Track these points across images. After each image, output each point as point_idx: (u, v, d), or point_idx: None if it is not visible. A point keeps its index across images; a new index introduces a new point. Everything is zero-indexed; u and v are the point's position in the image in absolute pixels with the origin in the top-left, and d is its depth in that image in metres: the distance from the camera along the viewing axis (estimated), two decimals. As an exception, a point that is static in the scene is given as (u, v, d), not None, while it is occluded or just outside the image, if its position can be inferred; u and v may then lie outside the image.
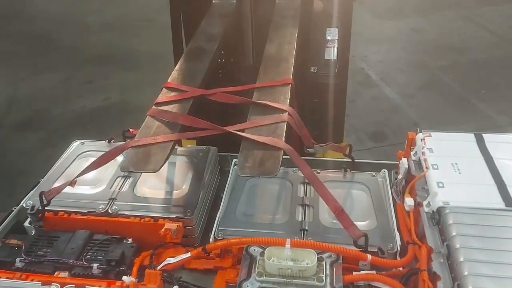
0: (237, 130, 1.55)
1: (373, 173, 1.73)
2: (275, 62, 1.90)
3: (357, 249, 1.36)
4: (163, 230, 1.43)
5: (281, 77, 1.80)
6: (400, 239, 1.43)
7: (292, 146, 1.48)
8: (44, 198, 1.50)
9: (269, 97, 1.70)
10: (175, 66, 1.93)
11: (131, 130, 1.75)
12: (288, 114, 1.62)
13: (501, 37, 6.06)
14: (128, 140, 1.61)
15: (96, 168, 1.53)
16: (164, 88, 1.76)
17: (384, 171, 1.72)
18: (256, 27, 2.37)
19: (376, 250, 1.38)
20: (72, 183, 1.54)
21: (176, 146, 1.88)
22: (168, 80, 1.80)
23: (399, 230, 1.45)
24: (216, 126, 1.59)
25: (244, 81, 2.19)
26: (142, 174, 1.70)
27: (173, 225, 1.44)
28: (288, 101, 1.68)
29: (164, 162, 1.44)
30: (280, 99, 1.68)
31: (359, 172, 1.75)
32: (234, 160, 1.80)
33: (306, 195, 1.64)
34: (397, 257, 1.40)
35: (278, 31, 2.14)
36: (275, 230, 1.49)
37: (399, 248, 1.41)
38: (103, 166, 1.71)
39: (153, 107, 1.67)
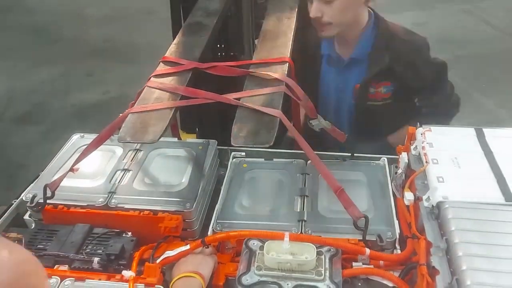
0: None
1: (373, 161, 1.72)
2: (273, 36, 1.88)
3: (357, 230, 1.36)
4: (163, 226, 1.43)
5: (278, 50, 1.78)
6: (400, 230, 1.43)
7: (293, 124, 1.47)
8: (48, 190, 1.49)
9: (266, 69, 1.68)
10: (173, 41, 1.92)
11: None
12: (287, 85, 1.60)
13: (502, 31, 6.03)
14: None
15: (99, 146, 1.54)
16: (161, 62, 1.76)
17: (384, 159, 1.72)
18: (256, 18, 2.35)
19: (375, 238, 1.38)
20: (73, 169, 1.54)
21: (176, 139, 1.88)
22: (166, 54, 1.79)
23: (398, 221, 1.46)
24: (213, 94, 1.58)
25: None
26: (141, 168, 1.70)
27: (172, 223, 1.44)
28: (286, 72, 1.66)
29: (163, 133, 1.43)
30: (278, 71, 1.66)
31: (358, 160, 1.75)
32: (232, 153, 1.80)
33: (304, 185, 1.64)
34: (396, 245, 1.40)
35: (277, 5, 2.12)
36: (274, 222, 1.49)
37: (398, 236, 1.41)
38: (102, 159, 1.73)
39: (151, 79, 1.66)
